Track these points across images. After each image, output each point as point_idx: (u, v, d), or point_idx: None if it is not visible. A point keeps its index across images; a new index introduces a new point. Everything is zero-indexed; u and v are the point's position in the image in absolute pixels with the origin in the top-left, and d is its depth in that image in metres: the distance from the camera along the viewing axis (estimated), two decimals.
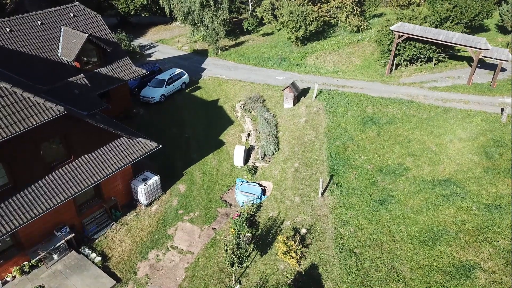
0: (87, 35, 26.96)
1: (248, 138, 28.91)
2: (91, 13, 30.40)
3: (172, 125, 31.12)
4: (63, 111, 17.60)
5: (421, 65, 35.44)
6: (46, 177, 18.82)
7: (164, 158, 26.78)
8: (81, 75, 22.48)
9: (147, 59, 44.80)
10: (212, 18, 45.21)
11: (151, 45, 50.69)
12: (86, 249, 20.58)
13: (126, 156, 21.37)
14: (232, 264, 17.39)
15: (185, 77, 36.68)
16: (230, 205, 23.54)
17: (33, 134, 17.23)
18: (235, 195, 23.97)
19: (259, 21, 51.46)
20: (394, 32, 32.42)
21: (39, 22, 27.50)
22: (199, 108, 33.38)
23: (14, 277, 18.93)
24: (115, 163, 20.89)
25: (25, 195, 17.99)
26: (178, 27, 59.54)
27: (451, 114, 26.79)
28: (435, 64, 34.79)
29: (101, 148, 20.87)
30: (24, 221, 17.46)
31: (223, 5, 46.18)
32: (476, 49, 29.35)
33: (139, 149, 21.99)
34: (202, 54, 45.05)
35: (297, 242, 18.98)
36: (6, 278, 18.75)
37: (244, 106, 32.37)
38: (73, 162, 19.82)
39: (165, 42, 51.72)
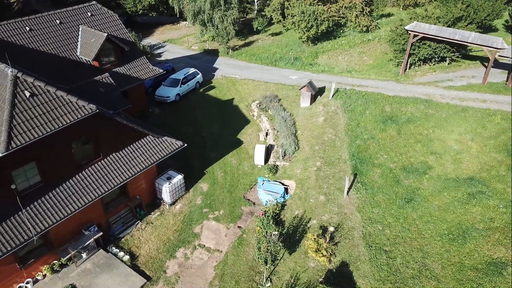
0: (106, 34, 26.91)
1: (266, 137, 28.96)
2: (107, 12, 30.36)
3: (188, 125, 31.11)
4: (95, 109, 17.62)
5: (434, 64, 35.60)
6: (76, 175, 18.82)
7: (184, 157, 26.75)
8: (106, 74, 22.48)
9: (158, 58, 44.78)
10: (222, 18, 45.21)
11: (160, 45, 50.63)
12: (114, 247, 20.57)
13: (152, 155, 21.38)
14: (265, 262, 17.45)
15: (199, 76, 36.71)
16: (254, 203, 23.59)
17: (65, 133, 17.19)
18: (258, 194, 24.03)
19: (269, 21, 51.48)
20: (409, 32, 32.55)
21: (57, 22, 27.41)
22: (214, 108, 33.38)
23: (44, 275, 18.90)
24: (142, 162, 20.90)
25: (57, 194, 17.98)
26: (185, 27, 59.48)
27: (470, 113, 26.95)
28: (448, 63, 34.97)
29: (128, 147, 20.88)
30: (57, 219, 17.46)
31: (233, 5, 46.24)
32: (493, 49, 29.52)
33: (165, 148, 22.01)
34: (212, 54, 45.06)
35: (328, 240, 19.06)
36: (37, 277, 18.71)
37: (260, 105, 32.43)
38: (102, 161, 19.82)
39: (174, 42, 51.68)
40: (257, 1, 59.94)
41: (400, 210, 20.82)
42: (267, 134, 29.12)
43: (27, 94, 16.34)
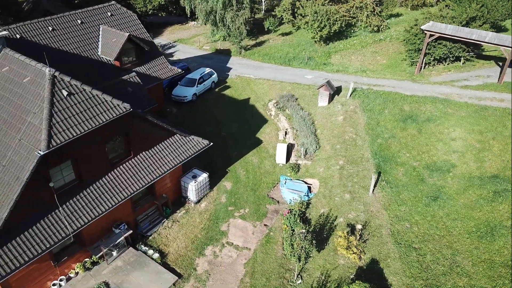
0: (128, 34, 27.06)
1: (285, 136, 29.14)
2: (127, 12, 30.57)
3: (207, 124, 31.25)
4: (129, 108, 17.80)
5: (448, 64, 35.81)
6: (109, 174, 18.99)
7: (205, 156, 26.86)
8: (133, 73, 22.68)
9: (170, 58, 44.90)
10: (234, 18, 45.41)
11: (170, 45, 50.78)
12: (142, 245, 20.73)
13: (181, 154, 21.56)
14: (299, 259, 17.63)
15: (214, 76, 36.87)
16: (278, 202, 23.76)
17: (100, 131, 17.33)
18: (281, 192, 24.21)
19: (280, 21, 51.71)
20: (425, 32, 32.76)
21: (79, 21, 27.54)
22: (231, 107, 33.54)
23: (77, 273, 19.06)
24: (171, 160, 21.08)
25: (91, 192, 18.16)
26: (194, 27, 59.70)
27: (490, 112, 27.14)
28: (463, 63, 35.18)
29: (157, 146, 21.06)
30: (92, 217, 17.65)
31: (244, 5, 46.43)
32: (510, 48, 29.71)
33: (192, 146, 22.19)
34: (225, 54, 45.21)
35: (358, 237, 19.26)
36: (69, 274, 18.86)
37: (277, 105, 32.59)
38: (132, 160, 19.99)
39: (184, 42, 51.83)
40: (264, 1, 60.21)
41: (426, 208, 21.03)
42: (286, 133, 29.29)
43: (65, 93, 16.50)
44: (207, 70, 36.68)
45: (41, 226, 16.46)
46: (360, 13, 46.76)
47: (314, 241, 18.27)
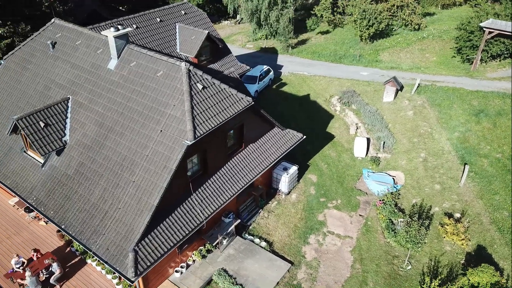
0: (207, 32, 27.83)
1: (357, 130, 29.92)
2: (198, 10, 31.42)
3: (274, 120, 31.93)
4: (251, 101, 18.57)
5: (500, 61, 36.69)
6: (226, 165, 19.74)
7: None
8: (233, 69, 23.51)
9: None
10: (278, 17, 46.26)
11: None
12: (247, 234, 21.50)
13: (281, 146, 22.35)
14: (417, 245, 18.44)
15: (271, 73, 37.67)
16: (366, 193, 24.54)
17: (226, 123, 18.05)
18: (367, 184, 24.98)
19: (320, 19, 52.56)
20: (484, 29, 33.60)
21: (158, 20, 28.29)
22: (293, 103, 34.28)
23: (194, 261, 19.80)
24: (274, 152, 21.87)
25: (214, 182, 18.92)
26: (229, 26, 60.46)
27: None
28: None
29: (261, 138, 21.82)
30: (218, 205, 18.44)
31: (288, 4, 47.29)
32: None
33: (289, 139, 22.98)
34: (271, 52, 45.97)
35: (465, 225, 20.08)
36: (188, 262, 19.59)
37: (341, 100, 33.37)
38: (243, 151, 20.74)
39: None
40: (293, 0, 60.95)
41: None
42: (357, 127, 30.08)
43: (200, 86, 17.25)
44: (265, 67, 37.45)
45: (179, 213, 17.22)
46: (401, 12, 47.66)
47: (430, 227, 19.05)
